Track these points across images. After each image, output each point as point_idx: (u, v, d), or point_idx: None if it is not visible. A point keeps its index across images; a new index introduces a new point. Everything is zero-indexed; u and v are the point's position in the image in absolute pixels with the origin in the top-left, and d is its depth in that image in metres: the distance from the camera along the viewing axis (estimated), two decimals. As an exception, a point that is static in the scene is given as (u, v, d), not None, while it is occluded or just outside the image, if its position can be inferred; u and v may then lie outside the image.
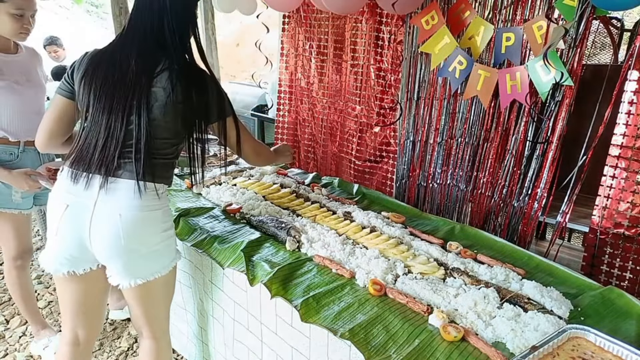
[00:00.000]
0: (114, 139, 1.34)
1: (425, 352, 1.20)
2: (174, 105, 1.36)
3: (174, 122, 1.39)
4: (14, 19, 1.78)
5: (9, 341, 2.38)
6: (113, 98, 1.34)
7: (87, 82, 1.38)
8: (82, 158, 1.37)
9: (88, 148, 1.37)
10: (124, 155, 1.36)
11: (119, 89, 1.35)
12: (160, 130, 1.38)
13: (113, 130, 1.34)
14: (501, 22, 2.15)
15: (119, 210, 1.35)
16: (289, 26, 3.21)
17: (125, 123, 1.34)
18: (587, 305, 1.41)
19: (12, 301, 2.71)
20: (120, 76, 1.35)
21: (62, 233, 1.40)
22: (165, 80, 1.35)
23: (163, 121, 1.37)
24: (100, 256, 1.42)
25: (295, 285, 1.47)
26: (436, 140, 2.47)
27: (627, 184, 1.84)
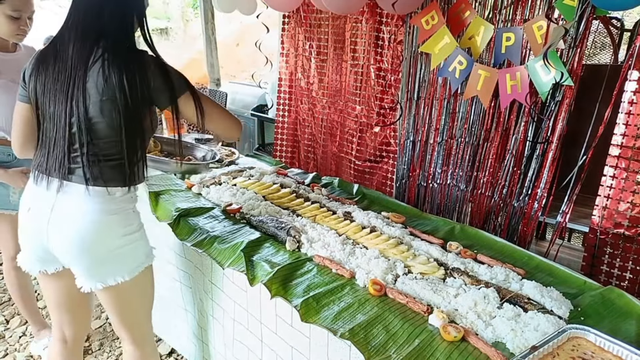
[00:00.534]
0: (60, 143, 1.30)
1: (425, 352, 1.20)
2: (110, 100, 1.26)
3: (114, 118, 1.29)
4: (11, 20, 1.78)
5: (9, 341, 2.38)
6: (55, 96, 1.29)
7: (33, 80, 1.34)
8: (41, 162, 1.36)
9: (44, 151, 1.35)
10: (73, 159, 1.32)
11: (60, 84, 1.28)
12: (101, 129, 1.30)
13: (58, 130, 1.30)
14: (501, 22, 2.15)
15: (73, 215, 1.34)
16: (289, 26, 3.21)
17: (68, 125, 1.29)
18: (587, 305, 1.41)
19: (12, 301, 2.71)
20: (60, 70, 1.28)
21: (27, 234, 1.42)
22: (97, 73, 1.25)
23: (102, 120, 1.28)
24: (61, 259, 1.42)
25: (295, 285, 1.47)
26: (436, 140, 2.47)
27: (627, 184, 1.84)
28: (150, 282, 1.56)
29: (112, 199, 1.37)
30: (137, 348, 1.56)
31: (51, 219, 1.35)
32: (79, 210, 1.33)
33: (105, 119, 1.28)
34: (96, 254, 1.37)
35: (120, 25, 1.31)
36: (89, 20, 1.29)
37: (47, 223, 1.35)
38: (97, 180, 1.32)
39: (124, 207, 1.41)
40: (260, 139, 4.67)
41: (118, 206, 1.39)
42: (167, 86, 1.33)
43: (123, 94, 1.26)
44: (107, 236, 1.37)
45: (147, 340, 1.61)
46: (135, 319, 1.55)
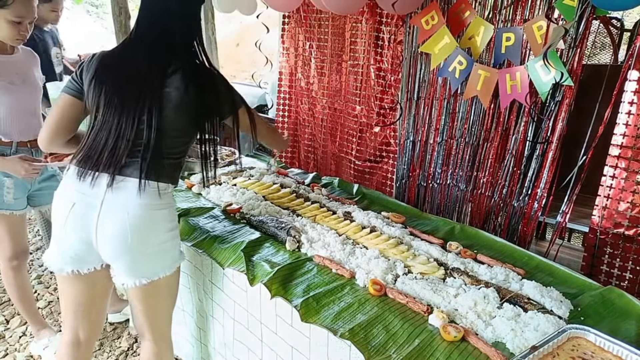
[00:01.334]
0: (124, 138, 1.37)
1: (425, 352, 1.20)
2: (188, 105, 1.41)
3: (187, 121, 1.44)
4: (12, 25, 1.79)
5: (9, 341, 2.38)
6: (124, 99, 1.38)
7: (97, 83, 1.41)
8: (90, 157, 1.39)
9: (97, 147, 1.39)
10: (132, 154, 1.38)
11: (130, 90, 1.39)
12: (172, 129, 1.42)
13: (124, 130, 1.37)
14: (501, 22, 2.15)
15: (126, 209, 1.37)
16: (289, 26, 3.21)
17: (136, 123, 1.37)
18: (587, 305, 1.41)
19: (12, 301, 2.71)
20: (131, 77, 1.40)
21: (68, 231, 1.41)
22: (178, 81, 1.40)
23: (176, 121, 1.42)
24: (105, 255, 1.43)
25: (295, 285, 1.47)
26: (436, 140, 2.47)
27: (627, 184, 1.84)
28: (178, 280, 1.60)
29: (158, 195, 1.43)
30: (156, 345, 1.58)
31: (101, 213, 1.37)
32: (131, 204, 1.38)
33: (178, 122, 1.42)
34: (144, 249, 1.41)
35: (189, 41, 1.48)
36: (160, 36, 1.43)
37: (97, 218, 1.38)
38: (152, 175, 1.40)
39: (169, 203, 1.48)
40: (260, 139, 4.66)
41: (164, 201, 1.45)
42: (230, 99, 1.53)
43: (198, 103, 1.43)
44: (156, 231, 1.43)
45: (167, 339, 1.63)
46: (161, 316, 1.58)
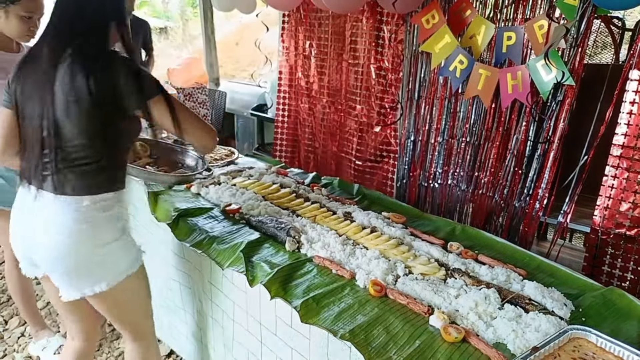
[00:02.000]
0: (35, 148, 1.28)
1: (426, 353, 1.19)
2: (75, 101, 1.23)
3: (81, 121, 1.25)
4: (22, 21, 1.78)
5: (8, 342, 2.38)
6: (31, 98, 1.28)
7: (14, 83, 1.33)
8: (23, 168, 1.36)
9: (24, 156, 1.35)
10: (45, 166, 1.29)
11: (33, 87, 1.27)
12: (69, 133, 1.26)
13: (33, 137, 1.28)
14: (502, 21, 2.15)
15: (47, 224, 1.32)
16: (289, 25, 3.20)
17: (40, 129, 1.26)
18: (588, 306, 1.40)
19: (10, 301, 2.71)
20: (36, 71, 1.27)
21: (15, 239, 1.42)
22: (63, 73, 1.22)
23: (68, 122, 1.24)
24: (41, 267, 1.40)
25: (295, 286, 1.46)
26: (437, 140, 2.46)
27: (629, 184, 1.83)
28: (141, 284, 1.52)
29: (80, 208, 1.31)
30: (135, 343, 1.57)
31: (34, 226, 1.34)
32: (51, 220, 1.31)
33: (72, 120, 1.24)
34: (69, 265, 1.34)
35: (93, 26, 1.29)
36: (64, 22, 1.29)
37: (32, 230, 1.35)
38: (65, 188, 1.29)
39: (94, 217, 1.33)
40: (259, 138, 4.66)
41: (88, 215, 1.32)
42: (135, 88, 1.27)
43: (88, 94, 1.22)
44: (78, 247, 1.33)
45: (147, 336, 1.60)
46: (130, 319, 1.55)
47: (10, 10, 1.75)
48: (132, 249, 1.47)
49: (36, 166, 1.29)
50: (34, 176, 1.30)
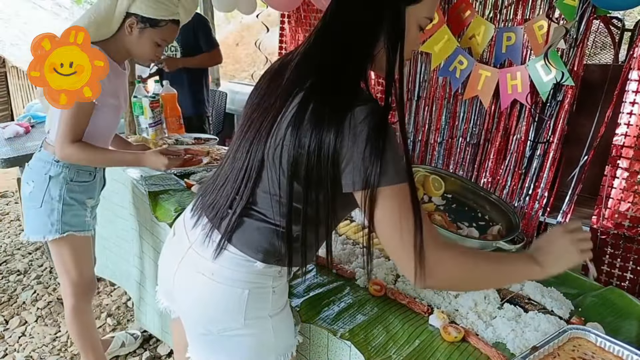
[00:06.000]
0: (230, 182, 1.04)
1: (425, 353, 1.19)
2: (286, 148, 0.95)
3: (284, 172, 0.96)
4: (155, 46, 1.71)
5: (9, 341, 2.38)
6: (251, 126, 1.02)
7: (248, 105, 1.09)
8: (207, 193, 1.11)
9: (215, 183, 1.10)
10: (230, 205, 1.04)
11: (257, 114, 1.01)
12: (266, 180, 1.00)
13: (234, 169, 1.04)
14: (502, 22, 2.15)
15: (195, 268, 1.06)
16: (289, 25, 3.20)
17: (247, 163, 1.01)
18: (587, 305, 1.41)
19: (11, 301, 2.71)
20: (265, 98, 1.02)
21: (161, 263, 1.21)
22: (290, 114, 0.94)
23: (272, 169, 0.98)
24: (178, 309, 1.18)
25: (295, 286, 1.47)
26: (437, 140, 2.46)
27: (628, 184, 1.84)
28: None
29: (250, 269, 1.03)
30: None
31: (184, 259, 1.09)
32: (206, 266, 1.04)
33: (275, 169, 0.95)
34: (207, 329, 1.07)
35: (342, 55, 0.93)
36: (320, 44, 0.97)
37: (180, 261, 1.10)
38: (237, 237, 1.02)
39: (262, 284, 1.06)
40: (260, 138, 4.65)
41: (255, 280, 1.04)
42: (376, 164, 0.84)
43: (304, 152, 0.89)
44: (226, 312, 1.04)
45: None
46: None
47: (146, 33, 1.66)
48: (287, 332, 1.14)
49: (224, 202, 1.04)
50: (214, 211, 1.06)
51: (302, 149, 0.89)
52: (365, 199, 0.87)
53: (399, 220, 0.87)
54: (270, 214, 0.99)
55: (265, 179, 0.98)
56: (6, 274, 3.03)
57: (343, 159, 0.87)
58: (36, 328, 2.47)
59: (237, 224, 1.02)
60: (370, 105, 0.88)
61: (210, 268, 1.04)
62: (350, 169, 0.87)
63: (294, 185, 0.94)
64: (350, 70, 0.93)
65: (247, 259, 1.02)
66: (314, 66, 0.94)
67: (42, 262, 3.18)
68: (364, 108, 0.86)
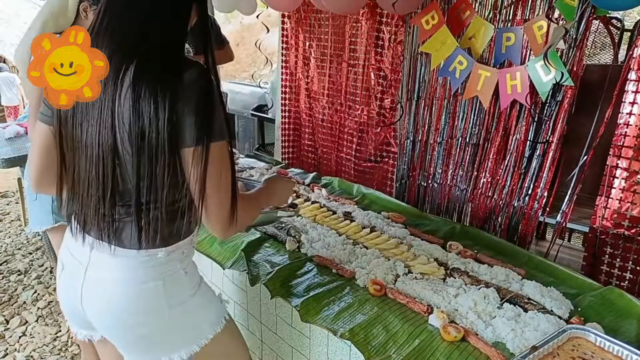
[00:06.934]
0: (89, 188, 1.01)
1: (425, 352, 1.20)
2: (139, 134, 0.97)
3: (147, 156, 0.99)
4: None
5: (9, 341, 2.38)
6: (84, 125, 1.00)
7: None
8: (76, 207, 1.07)
9: (77, 194, 1.05)
10: (106, 211, 1.03)
11: (92, 111, 0.99)
12: (130, 170, 1.00)
13: (91, 170, 1.01)
14: (501, 22, 2.15)
15: (103, 285, 1.05)
16: (289, 26, 3.20)
17: (102, 160, 1.00)
18: (587, 305, 1.41)
19: (12, 301, 2.72)
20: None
21: (62, 297, 1.16)
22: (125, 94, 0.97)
23: (130, 158, 0.99)
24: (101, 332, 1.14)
25: (295, 285, 1.47)
26: (436, 140, 2.46)
27: (628, 184, 1.84)
28: (232, 342, 1.24)
29: (153, 261, 1.04)
30: None
31: (84, 283, 1.06)
32: (107, 279, 1.04)
33: (135, 157, 0.96)
34: (138, 333, 1.08)
35: (163, 28, 0.99)
36: (127, 22, 0.99)
37: (81, 287, 1.07)
38: (131, 239, 1.02)
39: (171, 270, 1.07)
40: (260, 139, 4.67)
41: (163, 270, 1.06)
42: (205, 121, 0.96)
43: (156, 122, 0.94)
44: (149, 310, 1.06)
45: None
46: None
47: (92, 11, 1.68)
48: (212, 303, 1.19)
49: (96, 210, 1.00)
50: (92, 223, 1.02)
51: (144, 121, 0.93)
52: (199, 154, 0.95)
53: (223, 174, 0.99)
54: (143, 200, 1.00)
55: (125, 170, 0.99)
56: (7, 273, 3.03)
57: (181, 119, 0.94)
58: (37, 328, 2.47)
59: (120, 225, 1.02)
60: (197, 67, 0.97)
61: (117, 278, 1.03)
62: (187, 127, 0.95)
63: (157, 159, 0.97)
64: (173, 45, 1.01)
65: (148, 254, 1.03)
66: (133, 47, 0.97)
67: (42, 262, 3.19)
68: (193, 71, 0.96)
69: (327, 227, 1.83)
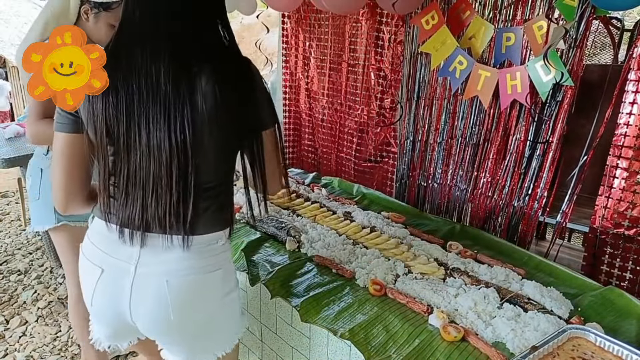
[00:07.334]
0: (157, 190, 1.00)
1: (425, 352, 1.20)
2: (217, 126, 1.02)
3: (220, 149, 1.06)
4: (111, 29, 1.69)
5: (9, 341, 2.38)
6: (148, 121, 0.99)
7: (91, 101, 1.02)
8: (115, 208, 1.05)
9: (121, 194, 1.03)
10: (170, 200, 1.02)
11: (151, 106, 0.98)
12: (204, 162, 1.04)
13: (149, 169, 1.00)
14: (501, 22, 2.15)
15: (165, 275, 1.04)
16: (289, 26, 3.20)
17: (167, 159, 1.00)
18: (587, 305, 1.41)
19: (12, 301, 2.72)
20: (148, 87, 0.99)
21: (97, 305, 1.12)
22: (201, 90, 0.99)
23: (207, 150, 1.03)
24: (144, 331, 1.12)
25: (295, 285, 1.47)
26: (436, 140, 2.46)
27: (628, 184, 1.84)
28: (237, 354, 1.27)
29: (214, 250, 1.08)
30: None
31: (135, 281, 1.05)
32: (170, 269, 1.04)
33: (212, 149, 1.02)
34: (192, 324, 1.10)
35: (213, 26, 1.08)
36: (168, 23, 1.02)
37: (130, 287, 1.05)
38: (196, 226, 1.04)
39: (225, 259, 1.12)
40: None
41: (220, 258, 1.10)
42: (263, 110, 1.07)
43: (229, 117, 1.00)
44: (205, 300, 1.09)
45: None
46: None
47: (101, 17, 1.67)
48: (240, 304, 1.21)
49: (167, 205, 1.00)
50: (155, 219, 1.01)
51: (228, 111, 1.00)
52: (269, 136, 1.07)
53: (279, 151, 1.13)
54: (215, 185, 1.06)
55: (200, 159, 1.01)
56: (7, 273, 3.03)
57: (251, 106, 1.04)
58: (37, 328, 2.47)
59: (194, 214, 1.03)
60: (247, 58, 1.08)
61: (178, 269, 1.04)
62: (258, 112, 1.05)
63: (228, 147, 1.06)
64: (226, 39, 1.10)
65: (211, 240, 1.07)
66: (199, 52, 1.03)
67: (42, 262, 3.19)
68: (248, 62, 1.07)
69: (327, 227, 1.83)
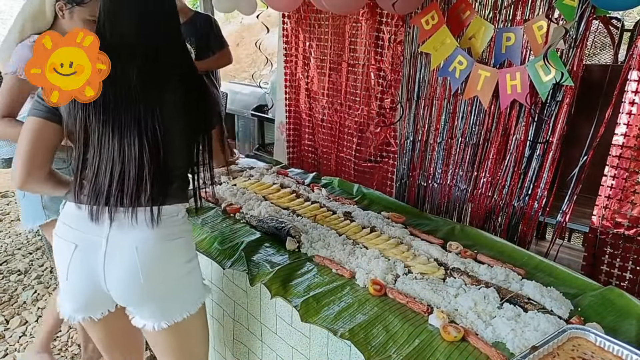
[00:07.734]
0: (131, 164, 1.16)
1: (425, 352, 1.20)
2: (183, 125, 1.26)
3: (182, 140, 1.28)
4: (87, 24, 1.69)
5: (9, 341, 2.38)
6: (120, 121, 1.15)
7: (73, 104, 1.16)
8: (86, 189, 1.18)
9: (91, 177, 1.17)
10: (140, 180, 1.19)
11: (124, 110, 1.15)
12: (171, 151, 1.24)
13: (128, 153, 1.15)
14: (501, 22, 2.15)
15: (134, 244, 1.19)
16: (289, 26, 3.20)
17: (137, 153, 1.17)
18: (587, 305, 1.41)
19: (12, 301, 2.72)
20: (120, 93, 1.15)
21: (72, 278, 1.23)
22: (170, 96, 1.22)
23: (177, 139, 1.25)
24: (117, 298, 1.25)
25: (295, 285, 1.47)
26: (436, 140, 2.46)
27: (628, 184, 1.84)
28: (206, 319, 1.42)
29: (176, 221, 1.26)
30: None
31: (107, 252, 1.19)
32: (139, 238, 1.19)
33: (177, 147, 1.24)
34: (160, 288, 1.24)
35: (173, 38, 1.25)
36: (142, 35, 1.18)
37: (104, 257, 1.19)
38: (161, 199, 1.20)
39: (186, 229, 1.30)
40: (260, 139, 4.67)
41: (182, 228, 1.28)
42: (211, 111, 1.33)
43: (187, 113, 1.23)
44: (170, 265, 1.25)
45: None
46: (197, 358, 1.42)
47: (75, 13, 1.67)
48: (201, 273, 1.38)
49: (136, 190, 1.16)
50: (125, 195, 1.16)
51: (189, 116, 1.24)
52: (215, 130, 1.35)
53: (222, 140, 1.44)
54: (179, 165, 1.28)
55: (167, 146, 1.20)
56: (7, 273, 3.03)
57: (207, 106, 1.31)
58: (37, 328, 2.47)
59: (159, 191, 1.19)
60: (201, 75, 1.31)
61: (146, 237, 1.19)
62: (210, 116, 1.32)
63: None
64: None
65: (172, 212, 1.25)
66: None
67: (42, 262, 3.19)
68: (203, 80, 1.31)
69: (327, 227, 1.83)
